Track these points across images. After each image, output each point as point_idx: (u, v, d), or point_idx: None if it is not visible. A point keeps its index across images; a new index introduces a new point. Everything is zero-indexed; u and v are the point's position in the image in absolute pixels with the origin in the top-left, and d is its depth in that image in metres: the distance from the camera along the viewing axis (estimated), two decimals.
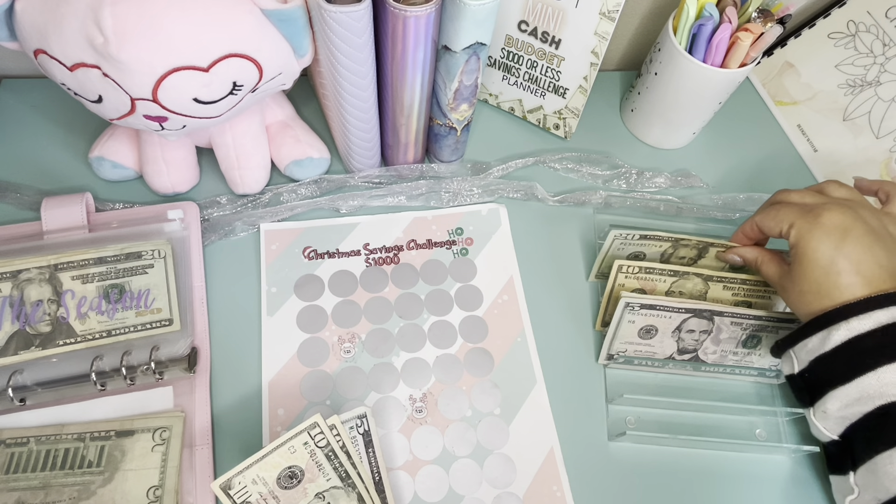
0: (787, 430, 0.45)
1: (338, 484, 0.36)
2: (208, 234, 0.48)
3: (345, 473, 0.36)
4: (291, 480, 0.36)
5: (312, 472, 0.36)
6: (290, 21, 0.38)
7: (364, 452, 0.38)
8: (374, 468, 0.38)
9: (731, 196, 0.55)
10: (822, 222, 0.39)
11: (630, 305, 0.43)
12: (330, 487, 0.36)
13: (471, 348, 0.46)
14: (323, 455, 0.36)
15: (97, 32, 0.33)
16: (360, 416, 0.39)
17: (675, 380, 0.46)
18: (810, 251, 0.38)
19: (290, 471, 0.36)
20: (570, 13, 0.47)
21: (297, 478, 0.36)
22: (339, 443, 0.37)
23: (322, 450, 0.36)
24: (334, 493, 0.36)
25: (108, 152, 0.47)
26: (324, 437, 0.36)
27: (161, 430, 0.39)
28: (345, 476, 0.36)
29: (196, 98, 0.37)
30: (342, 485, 0.36)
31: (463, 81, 0.44)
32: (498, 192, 0.53)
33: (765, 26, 0.47)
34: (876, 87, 0.55)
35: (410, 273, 0.49)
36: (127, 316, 0.42)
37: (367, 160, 0.50)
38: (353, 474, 0.37)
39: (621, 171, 0.56)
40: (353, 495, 0.37)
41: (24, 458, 0.38)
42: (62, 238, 0.44)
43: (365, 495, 0.37)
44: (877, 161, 0.54)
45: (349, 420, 0.38)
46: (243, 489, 0.35)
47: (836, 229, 0.38)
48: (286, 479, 0.36)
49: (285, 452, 0.35)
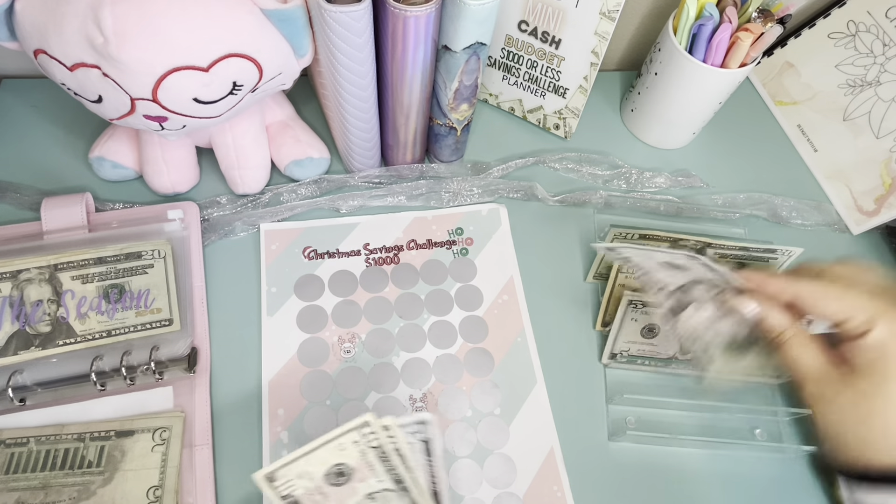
0: (788, 430, 0.45)
1: (390, 486, 0.35)
2: (208, 234, 0.48)
3: (398, 477, 0.35)
4: (340, 478, 0.34)
5: (363, 472, 0.34)
6: (290, 21, 0.38)
7: (424, 461, 0.36)
8: (433, 477, 0.36)
9: (731, 196, 0.55)
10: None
11: (633, 303, 0.43)
12: (382, 489, 0.35)
13: (471, 348, 0.46)
14: (375, 455, 0.34)
15: (97, 32, 0.33)
16: (420, 422, 0.36)
17: (675, 379, 0.46)
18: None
19: (339, 468, 0.34)
20: (570, 13, 0.47)
21: (347, 476, 0.34)
22: (393, 445, 0.34)
23: (374, 450, 0.34)
24: (386, 495, 0.35)
25: (108, 152, 0.47)
26: (376, 438, 0.34)
27: (161, 430, 0.39)
28: (398, 480, 0.35)
29: (196, 98, 0.37)
30: (396, 488, 0.35)
31: (463, 81, 0.44)
32: (498, 192, 0.53)
33: (765, 26, 0.47)
34: (876, 87, 0.55)
35: (410, 273, 0.48)
36: (127, 316, 0.42)
37: (367, 160, 0.50)
38: (408, 479, 0.35)
39: (621, 171, 0.56)
40: (406, 500, 0.35)
41: (24, 458, 0.38)
42: (62, 238, 0.44)
43: (422, 500, 0.35)
44: (877, 161, 0.54)
45: (408, 424, 0.35)
46: (288, 482, 0.33)
47: None
48: (334, 476, 0.34)
49: (334, 449, 0.34)
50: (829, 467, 0.30)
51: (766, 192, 0.57)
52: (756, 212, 0.55)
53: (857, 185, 0.56)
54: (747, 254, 0.48)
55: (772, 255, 0.48)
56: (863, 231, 0.55)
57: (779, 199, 0.56)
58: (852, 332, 0.30)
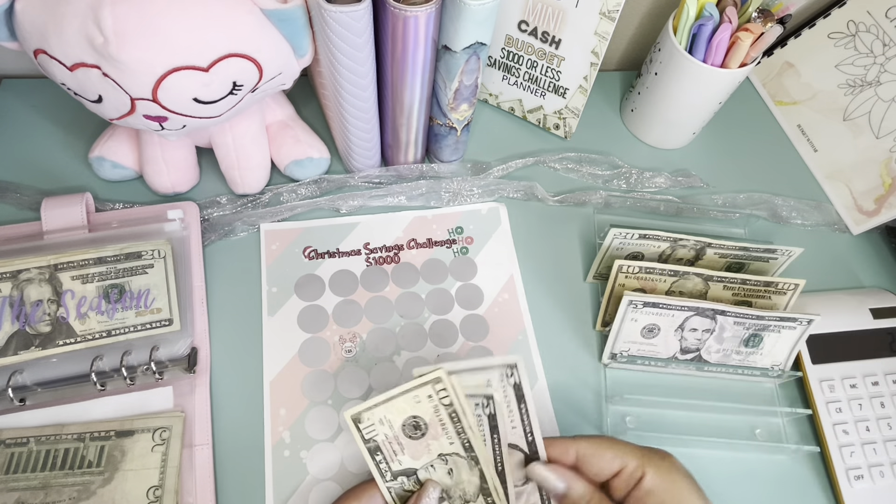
0: (788, 429, 0.45)
1: (461, 452, 0.35)
2: (208, 234, 0.48)
3: (468, 443, 0.35)
4: (416, 431, 0.35)
5: (436, 429, 0.35)
6: (290, 21, 0.38)
7: (489, 436, 0.36)
8: (498, 454, 0.36)
9: (731, 196, 0.55)
10: (679, 468, 0.34)
11: (633, 303, 0.43)
12: (453, 453, 0.35)
13: (472, 347, 0.46)
14: (446, 413, 0.35)
15: (97, 32, 0.33)
16: (486, 397, 0.35)
17: (675, 380, 0.46)
18: (686, 501, 0.33)
19: (415, 420, 0.35)
20: (570, 13, 0.47)
21: (422, 430, 0.35)
22: (464, 404, 0.34)
23: (446, 408, 0.34)
24: (457, 460, 0.35)
25: (108, 152, 0.47)
26: (447, 396, 0.34)
27: (161, 430, 0.39)
28: (468, 446, 0.35)
29: (196, 98, 0.37)
30: (465, 455, 0.35)
31: (463, 81, 0.44)
32: (498, 192, 0.53)
33: (765, 26, 0.47)
34: (876, 87, 0.55)
35: (411, 272, 0.48)
36: (127, 316, 0.42)
37: (367, 160, 0.50)
38: (478, 446, 0.35)
39: (621, 171, 0.56)
40: (475, 471, 0.35)
41: (23, 458, 0.37)
42: (62, 238, 0.44)
43: (488, 473, 0.35)
44: (877, 161, 0.54)
45: (475, 396, 0.35)
46: (371, 426, 0.34)
47: (691, 478, 0.34)
48: (411, 427, 0.35)
49: (410, 400, 0.34)
50: None
51: (766, 192, 0.57)
52: (756, 212, 0.55)
53: (857, 185, 0.56)
54: (747, 254, 0.48)
55: (772, 255, 0.48)
56: (863, 231, 0.55)
57: (779, 199, 0.56)
58: (630, 480, 0.33)
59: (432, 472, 0.36)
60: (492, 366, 0.35)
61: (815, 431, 0.45)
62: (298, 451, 0.41)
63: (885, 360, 0.47)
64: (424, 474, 0.35)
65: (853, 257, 0.55)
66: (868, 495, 0.43)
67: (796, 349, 0.45)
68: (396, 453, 0.35)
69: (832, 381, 0.46)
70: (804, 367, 0.46)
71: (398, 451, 0.35)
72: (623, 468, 0.34)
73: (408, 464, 0.35)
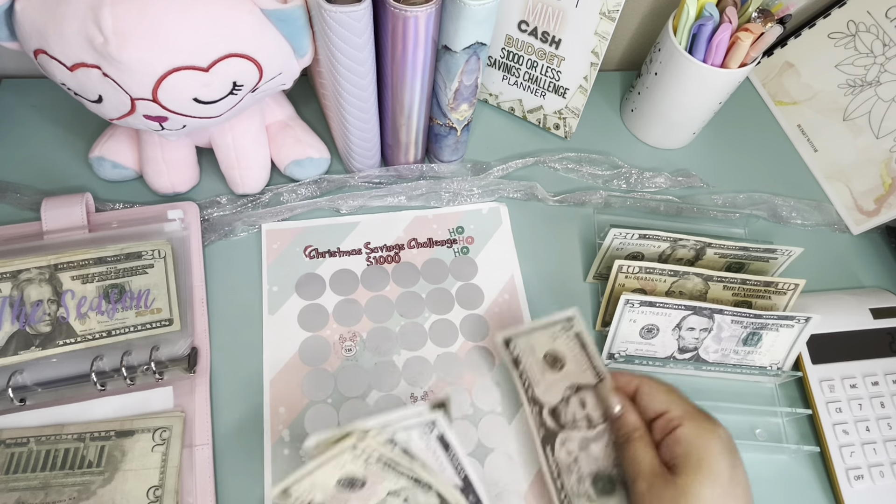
0: (788, 429, 0.45)
1: (408, 485, 0.35)
2: (208, 234, 0.48)
3: (414, 476, 0.35)
4: (354, 485, 0.34)
5: (376, 477, 0.34)
6: (290, 21, 0.38)
7: (443, 456, 0.36)
8: (459, 467, 0.36)
9: (731, 196, 0.55)
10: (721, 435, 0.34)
11: (630, 303, 0.43)
12: (401, 487, 0.35)
13: (472, 347, 0.46)
14: (380, 465, 0.34)
15: (97, 32, 0.33)
16: (428, 423, 0.35)
17: (674, 380, 0.46)
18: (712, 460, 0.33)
19: (350, 479, 0.34)
20: (570, 13, 0.47)
21: (361, 482, 0.34)
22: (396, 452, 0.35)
23: (377, 461, 0.34)
24: (409, 490, 0.35)
25: (108, 152, 0.47)
26: (374, 451, 0.34)
27: (161, 431, 0.39)
28: (415, 479, 0.35)
29: (196, 98, 0.37)
30: (415, 485, 0.35)
31: (463, 81, 0.44)
32: (498, 192, 0.53)
33: (765, 26, 0.47)
34: (876, 87, 0.55)
35: (411, 272, 0.49)
36: (127, 316, 0.42)
37: (367, 160, 0.50)
38: (425, 476, 0.35)
39: (621, 171, 0.56)
40: (431, 493, 0.35)
41: (24, 458, 0.37)
42: (62, 238, 0.44)
43: (446, 492, 0.35)
44: (877, 161, 0.54)
45: (415, 426, 0.35)
46: (304, 493, 0.33)
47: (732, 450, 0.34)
48: (347, 485, 0.34)
49: (334, 467, 0.34)
50: None
51: (766, 192, 0.57)
52: (756, 212, 0.55)
53: (857, 185, 0.56)
54: (747, 254, 0.48)
55: (772, 255, 0.48)
56: (863, 231, 0.55)
57: (779, 199, 0.56)
58: (668, 426, 0.35)
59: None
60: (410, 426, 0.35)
61: (815, 431, 0.45)
62: (298, 450, 0.41)
63: (885, 360, 0.47)
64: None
65: (853, 257, 0.55)
66: (868, 495, 0.43)
67: (795, 348, 0.45)
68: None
69: (832, 381, 0.46)
70: (804, 366, 0.46)
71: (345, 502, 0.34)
72: (666, 412, 0.36)
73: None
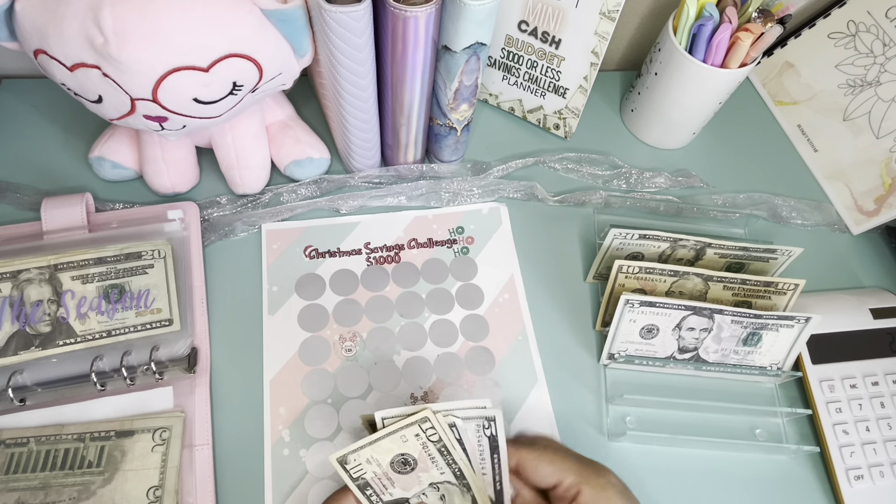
0: (788, 430, 0.45)
1: (452, 480, 0.36)
2: (208, 235, 0.48)
3: (459, 472, 0.35)
4: (405, 467, 0.35)
5: (425, 463, 0.35)
6: (290, 21, 0.38)
7: (489, 458, 0.36)
8: (497, 476, 0.36)
9: (731, 196, 0.55)
10: (615, 484, 0.34)
11: (630, 303, 0.43)
12: (444, 481, 0.36)
13: (472, 347, 0.46)
14: (435, 449, 0.35)
15: (97, 32, 0.33)
16: (488, 418, 0.35)
17: (675, 380, 0.46)
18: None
19: (403, 458, 0.35)
20: (570, 13, 0.47)
21: (411, 465, 0.35)
22: (453, 439, 0.35)
23: (434, 444, 0.35)
24: (449, 487, 0.36)
25: (108, 152, 0.47)
26: (435, 433, 0.35)
27: (161, 431, 0.39)
28: (459, 475, 0.35)
29: (196, 98, 0.37)
30: (456, 482, 0.36)
31: (463, 81, 0.44)
32: (498, 193, 0.53)
33: (765, 26, 0.47)
34: (876, 87, 0.55)
35: (411, 272, 0.49)
36: (127, 316, 0.42)
37: (367, 160, 0.50)
38: (469, 475, 0.35)
39: (621, 171, 0.56)
40: (467, 497, 0.36)
41: (23, 458, 0.37)
42: (62, 238, 0.44)
43: (480, 499, 0.35)
44: (877, 161, 0.54)
45: (475, 418, 0.36)
46: (358, 466, 0.34)
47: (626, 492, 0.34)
48: (399, 464, 0.35)
49: (397, 440, 0.35)
50: None
51: (766, 192, 0.57)
52: (756, 212, 0.55)
53: (857, 185, 0.56)
54: (747, 254, 0.48)
55: (772, 255, 0.48)
56: (863, 231, 0.55)
57: (779, 199, 0.56)
58: (567, 495, 0.34)
59: (424, 499, 0.36)
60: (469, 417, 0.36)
61: (815, 431, 0.45)
62: (298, 450, 0.41)
63: (885, 360, 0.47)
64: (416, 501, 0.36)
65: (853, 257, 0.55)
66: (868, 495, 0.43)
67: (796, 348, 0.45)
68: (387, 487, 0.35)
69: (832, 381, 0.46)
70: (804, 367, 0.46)
71: (388, 485, 0.35)
72: (560, 482, 0.35)
73: (399, 494, 0.36)
